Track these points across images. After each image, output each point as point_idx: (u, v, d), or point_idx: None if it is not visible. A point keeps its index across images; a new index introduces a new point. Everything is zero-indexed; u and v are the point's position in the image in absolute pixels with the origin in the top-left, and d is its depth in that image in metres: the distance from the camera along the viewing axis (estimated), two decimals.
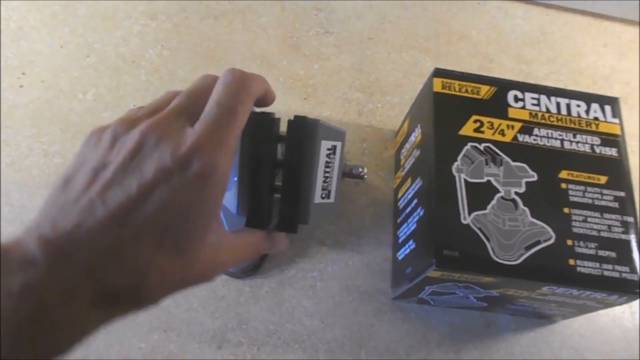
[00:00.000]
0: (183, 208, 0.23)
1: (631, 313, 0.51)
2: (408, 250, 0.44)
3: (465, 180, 0.41)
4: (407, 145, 0.49)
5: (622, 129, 0.45)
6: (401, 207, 0.48)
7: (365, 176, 0.43)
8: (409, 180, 0.47)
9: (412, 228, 0.44)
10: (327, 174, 0.38)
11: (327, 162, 0.37)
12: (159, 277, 0.23)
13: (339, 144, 0.38)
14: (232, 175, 0.37)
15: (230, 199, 0.37)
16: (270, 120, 0.35)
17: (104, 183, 0.23)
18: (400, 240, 0.47)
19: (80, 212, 0.22)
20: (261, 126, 0.34)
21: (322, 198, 0.38)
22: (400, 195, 0.49)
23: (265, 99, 0.32)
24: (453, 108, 0.44)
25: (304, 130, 0.35)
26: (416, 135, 0.47)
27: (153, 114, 0.26)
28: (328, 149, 0.37)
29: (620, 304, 0.42)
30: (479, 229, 0.39)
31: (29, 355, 0.19)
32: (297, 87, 0.56)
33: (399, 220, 0.49)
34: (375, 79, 0.57)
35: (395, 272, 0.48)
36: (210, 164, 0.24)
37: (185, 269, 0.24)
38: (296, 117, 0.36)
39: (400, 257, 0.47)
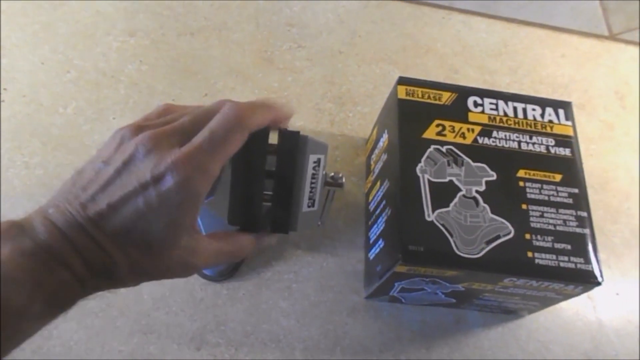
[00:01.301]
0: (154, 215, 0.27)
1: (593, 307, 0.54)
2: (378, 250, 0.47)
3: (429, 180, 0.43)
4: (376, 151, 0.52)
5: (574, 130, 0.49)
6: (372, 209, 0.51)
7: (344, 183, 0.45)
8: (378, 183, 0.49)
9: (381, 228, 0.46)
10: (312, 185, 0.41)
11: (313, 173, 0.40)
12: (128, 266, 0.28)
13: (322, 157, 0.41)
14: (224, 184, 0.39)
15: (222, 208, 0.39)
16: (262, 133, 0.37)
17: (99, 184, 0.28)
18: (371, 241, 0.49)
19: (77, 205, 0.27)
20: (254, 138, 0.37)
21: (308, 207, 0.41)
22: (370, 198, 0.52)
23: (276, 122, 0.35)
24: (416, 113, 0.46)
25: (296, 145, 0.38)
26: (384, 141, 0.49)
27: (159, 127, 0.30)
28: (314, 162, 0.40)
29: (577, 294, 0.44)
30: (443, 225, 0.42)
31: (41, 304, 0.25)
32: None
33: (370, 222, 0.51)
34: (346, 90, 0.60)
35: (368, 272, 0.50)
36: (182, 181, 0.27)
37: (153, 264, 0.29)
38: (288, 131, 0.39)
39: (371, 257, 0.49)
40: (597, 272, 0.42)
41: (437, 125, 0.46)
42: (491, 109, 0.48)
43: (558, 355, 0.51)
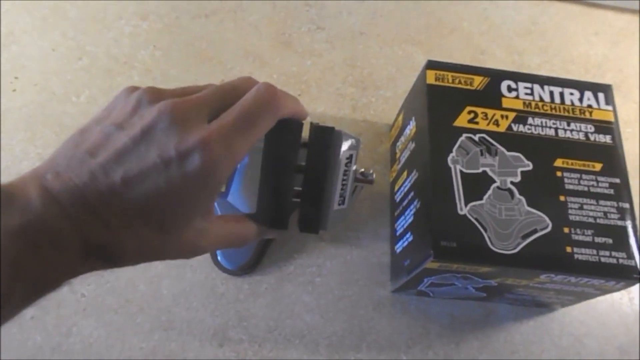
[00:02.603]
0: (173, 196, 0.24)
1: (629, 299, 0.51)
2: (406, 243, 0.45)
3: (461, 171, 0.41)
4: (402, 139, 0.49)
5: (615, 115, 0.46)
6: (398, 200, 0.49)
7: (374, 180, 0.43)
8: (405, 173, 0.47)
9: (410, 220, 0.44)
10: (344, 182, 0.39)
11: (344, 170, 0.38)
12: (136, 245, 0.25)
13: (354, 153, 0.39)
14: (239, 174, 0.38)
15: (241, 199, 0.38)
16: (296, 126, 0.35)
17: (112, 152, 0.24)
18: (398, 233, 0.47)
19: (83, 174, 0.23)
20: (287, 131, 0.35)
21: (339, 205, 0.39)
22: (396, 188, 0.50)
23: (296, 117, 0.33)
24: (447, 100, 0.44)
25: (328, 140, 0.36)
26: (411, 128, 0.47)
27: (180, 95, 0.27)
28: (347, 158, 0.38)
29: (618, 290, 0.42)
30: (476, 219, 0.39)
31: (23, 287, 0.21)
32: (291, 84, 0.56)
33: (396, 214, 0.49)
34: (368, 74, 0.57)
35: (394, 265, 0.48)
36: (210, 163, 0.24)
37: (164, 244, 0.26)
38: (321, 126, 0.37)
39: (398, 250, 0.47)
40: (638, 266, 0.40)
41: (469, 112, 0.43)
42: (526, 94, 0.45)
43: (593, 349, 0.49)
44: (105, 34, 0.55)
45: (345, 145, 0.37)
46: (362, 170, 0.40)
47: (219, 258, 0.46)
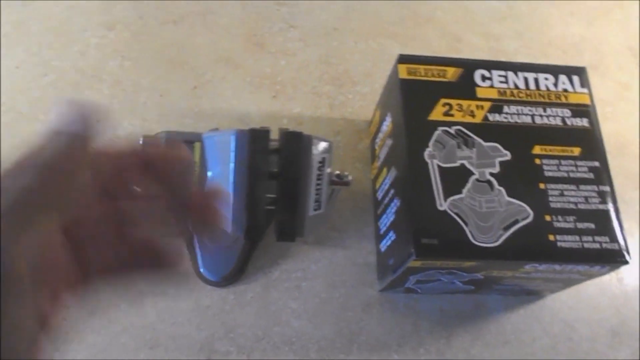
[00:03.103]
0: None
1: (618, 279, 0.51)
2: (389, 242, 0.44)
3: (439, 166, 0.40)
4: (381, 135, 0.49)
5: (591, 98, 0.45)
6: (380, 198, 0.48)
7: (350, 181, 0.42)
8: (385, 170, 0.46)
9: (391, 219, 0.44)
10: (318, 186, 0.38)
11: (318, 174, 0.38)
12: None
13: (327, 156, 0.39)
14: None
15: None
16: (265, 135, 0.35)
17: None
18: (381, 232, 0.47)
19: None
20: (258, 141, 0.34)
21: (315, 210, 0.38)
22: (378, 186, 0.49)
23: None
24: (421, 94, 0.43)
25: (300, 145, 0.35)
26: (387, 124, 0.46)
27: None
28: (319, 162, 0.38)
29: (604, 274, 0.42)
30: (456, 213, 0.39)
31: None
32: (265, 86, 0.55)
33: (379, 212, 0.48)
34: (344, 70, 0.56)
35: (380, 264, 0.48)
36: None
37: None
38: (289, 131, 0.36)
39: (383, 249, 0.46)
40: (624, 251, 0.39)
41: (444, 105, 0.43)
42: (500, 82, 0.44)
43: (584, 333, 0.49)
44: (70, 47, 0.54)
45: (316, 149, 0.36)
46: (337, 172, 0.40)
47: (201, 270, 0.46)
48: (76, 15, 0.56)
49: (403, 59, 0.44)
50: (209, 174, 0.37)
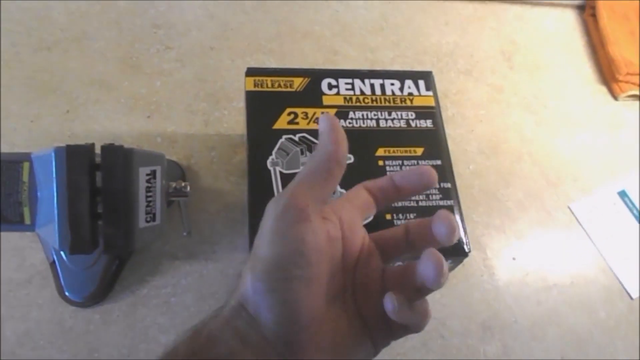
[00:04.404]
0: None
1: (490, 275, 0.53)
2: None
3: (281, 173, 0.41)
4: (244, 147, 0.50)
5: (436, 100, 0.47)
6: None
7: (188, 192, 0.43)
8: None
9: None
10: (149, 198, 0.38)
11: (147, 186, 0.38)
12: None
13: (158, 168, 0.39)
14: (50, 208, 0.37)
15: (51, 233, 0.37)
16: (84, 150, 0.35)
17: None
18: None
19: None
20: (75, 156, 0.34)
21: (147, 222, 0.39)
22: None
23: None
24: (266, 104, 0.44)
25: (117, 159, 0.36)
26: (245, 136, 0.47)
27: None
28: (147, 174, 0.38)
29: (452, 268, 0.43)
30: None
31: None
32: (140, 106, 0.55)
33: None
34: (220, 87, 0.58)
35: None
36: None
37: None
38: (108, 146, 0.36)
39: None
40: (463, 244, 0.41)
41: (289, 114, 0.44)
42: (347, 90, 0.46)
43: (455, 329, 0.50)
44: None
45: (140, 162, 0.37)
46: (174, 184, 0.40)
47: (65, 292, 0.45)
48: None
49: (250, 72, 0.46)
50: (39, 194, 0.37)
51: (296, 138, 0.43)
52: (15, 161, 0.37)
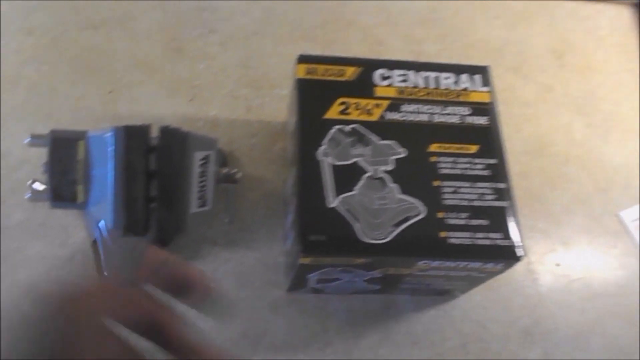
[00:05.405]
0: None
1: (532, 280, 0.51)
2: (290, 241, 0.44)
3: (332, 164, 0.40)
4: (289, 136, 0.49)
5: (492, 96, 0.46)
6: (286, 198, 0.48)
7: (238, 179, 0.42)
8: (290, 170, 0.46)
9: (291, 218, 0.43)
10: (202, 183, 0.38)
11: (200, 171, 0.38)
12: None
13: (211, 153, 0.39)
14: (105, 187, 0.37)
15: (105, 211, 0.37)
16: (141, 131, 0.35)
17: None
18: (286, 232, 0.47)
19: None
20: (133, 137, 0.34)
21: (199, 207, 0.38)
22: (286, 186, 0.49)
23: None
24: (318, 93, 0.43)
25: (174, 141, 0.35)
26: (291, 124, 0.46)
27: None
28: (201, 159, 0.38)
29: (501, 271, 0.42)
30: (347, 210, 0.39)
31: None
32: (183, 90, 0.55)
33: (286, 212, 0.48)
34: (262, 73, 0.57)
35: (286, 264, 0.47)
36: None
37: None
38: (166, 127, 0.36)
39: (287, 249, 0.46)
40: (516, 247, 0.39)
41: (341, 104, 0.43)
42: (400, 81, 0.45)
43: (496, 333, 0.48)
44: None
45: (196, 146, 0.36)
46: (226, 170, 0.40)
47: (105, 272, 0.45)
48: None
49: (302, 59, 0.44)
50: (93, 173, 0.37)
51: (347, 129, 0.42)
52: (71, 139, 0.36)
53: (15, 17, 0.56)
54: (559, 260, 0.52)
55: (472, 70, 0.46)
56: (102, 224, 0.39)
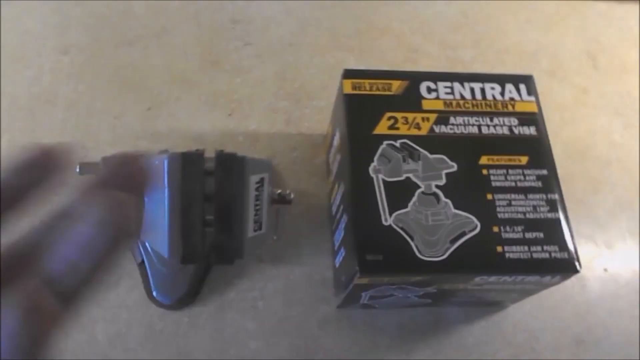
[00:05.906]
0: None
1: (581, 286, 0.51)
2: (341, 258, 0.44)
3: (384, 181, 0.40)
4: (332, 149, 0.48)
5: (538, 106, 0.45)
6: (334, 213, 0.48)
7: (292, 200, 0.42)
8: (336, 185, 0.46)
9: (342, 235, 0.43)
10: (257, 207, 0.38)
11: (256, 195, 0.37)
12: None
13: (266, 175, 0.39)
14: (158, 216, 0.36)
15: (159, 241, 0.36)
16: (198, 158, 0.34)
17: None
18: (335, 248, 0.46)
19: None
20: (190, 164, 0.34)
21: (255, 231, 0.38)
22: (332, 201, 0.49)
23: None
24: (365, 108, 0.43)
25: (232, 166, 0.35)
26: (337, 139, 0.46)
27: None
28: (257, 182, 0.38)
29: (557, 283, 0.41)
30: (402, 228, 0.38)
31: None
32: (221, 104, 0.54)
33: (333, 227, 0.48)
34: (300, 85, 0.56)
35: (336, 280, 0.47)
36: None
37: None
38: (223, 153, 0.36)
39: (337, 265, 0.46)
40: (574, 260, 0.39)
41: (389, 119, 0.43)
42: (446, 93, 0.44)
43: (548, 343, 0.48)
44: (24, 72, 0.54)
45: (252, 170, 0.36)
46: (279, 191, 0.39)
47: (154, 294, 0.45)
48: (31, 41, 0.56)
49: (348, 74, 0.44)
50: (146, 199, 0.37)
51: (398, 144, 0.41)
52: None
53: (50, 36, 0.56)
54: (607, 266, 0.52)
55: (517, 79, 0.46)
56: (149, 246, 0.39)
